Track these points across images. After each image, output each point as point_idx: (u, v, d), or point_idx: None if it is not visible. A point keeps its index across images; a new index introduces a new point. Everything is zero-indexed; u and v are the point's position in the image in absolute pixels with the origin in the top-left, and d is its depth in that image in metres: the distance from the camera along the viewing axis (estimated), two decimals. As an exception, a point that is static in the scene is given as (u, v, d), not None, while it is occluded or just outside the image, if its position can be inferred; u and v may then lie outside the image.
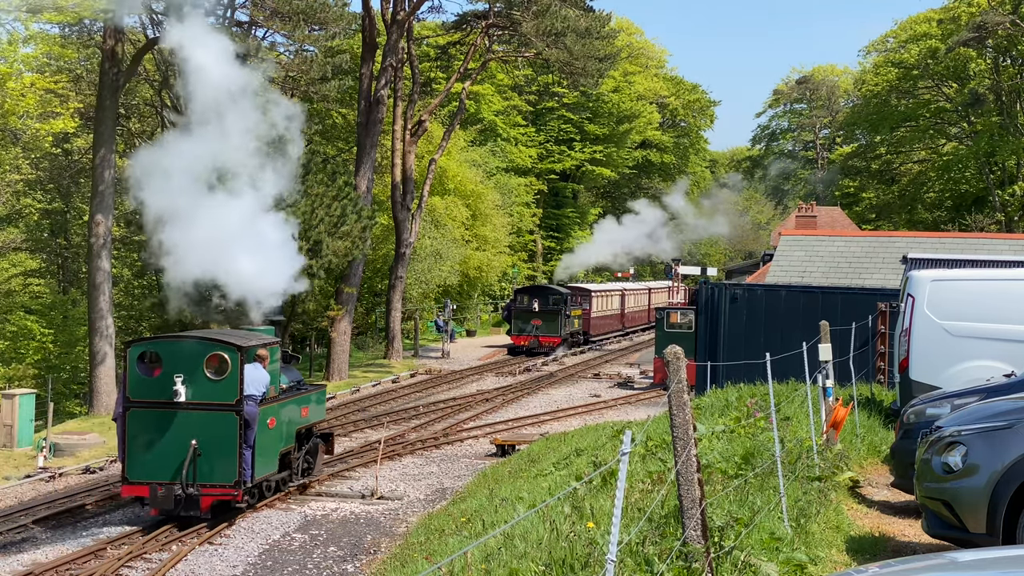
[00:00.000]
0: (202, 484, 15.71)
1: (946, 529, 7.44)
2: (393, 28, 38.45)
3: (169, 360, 15.99)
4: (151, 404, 15.90)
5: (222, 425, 15.85)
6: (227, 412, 15.86)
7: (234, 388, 15.85)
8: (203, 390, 15.88)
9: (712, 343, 21.55)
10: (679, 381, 5.78)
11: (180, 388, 15.70)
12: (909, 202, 67.11)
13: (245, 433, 15.89)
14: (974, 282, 13.58)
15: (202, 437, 15.75)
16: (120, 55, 31.37)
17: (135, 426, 15.94)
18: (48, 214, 46.86)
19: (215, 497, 15.90)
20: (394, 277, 41.34)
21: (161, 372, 15.96)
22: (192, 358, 15.99)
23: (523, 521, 8.21)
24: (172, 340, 16.89)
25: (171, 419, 15.83)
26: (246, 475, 15.95)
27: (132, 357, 16.22)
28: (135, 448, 15.94)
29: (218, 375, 15.94)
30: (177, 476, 15.62)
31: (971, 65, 58.99)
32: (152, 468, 15.78)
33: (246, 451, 15.98)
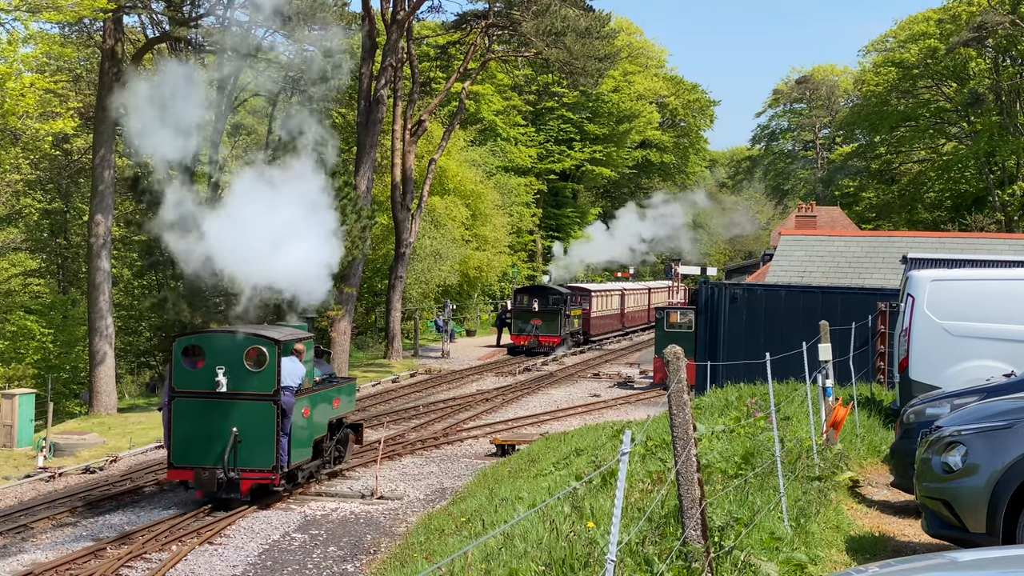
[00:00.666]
0: (242, 469, 16.74)
1: (946, 529, 7.44)
2: (393, 28, 38.44)
3: (211, 353, 17.06)
4: (195, 394, 16.96)
5: (261, 414, 16.85)
6: (265, 402, 16.87)
7: (272, 379, 16.83)
8: (243, 381, 16.87)
9: (712, 343, 21.56)
10: (679, 381, 5.78)
11: (222, 379, 16.74)
12: (909, 202, 67.09)
13: (282, 421, 16.88)
14: (974, 282, 13.58)
15: (242, 425, 16.75)
16: (120, 55, 31.36)
17: (180, 415, 17.00)
18: (48, 214, 46.85)
19: (254, 481, 16.91)
20: (394, 277, 41.34)
21: (204, 364, 17.00)
22: (233, 351, 17.00)
23: (523, 521, 8.21)
24: (214, 334, 18.23)
25: (213, 408, 16.85)
26: (283, 461, 16.94)
27: (177, 350, 17.34)
28: (180, 435, 16.97)
29: (257, 367, 16.90)
30: (219, 461, 16.65)
31: (971, 65, 58.99)
32: (196, 454, 16.81)
33: (283, 438, 16.92)
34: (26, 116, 26.84)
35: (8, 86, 24.70)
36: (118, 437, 24.71)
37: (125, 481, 19.37)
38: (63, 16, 25.49)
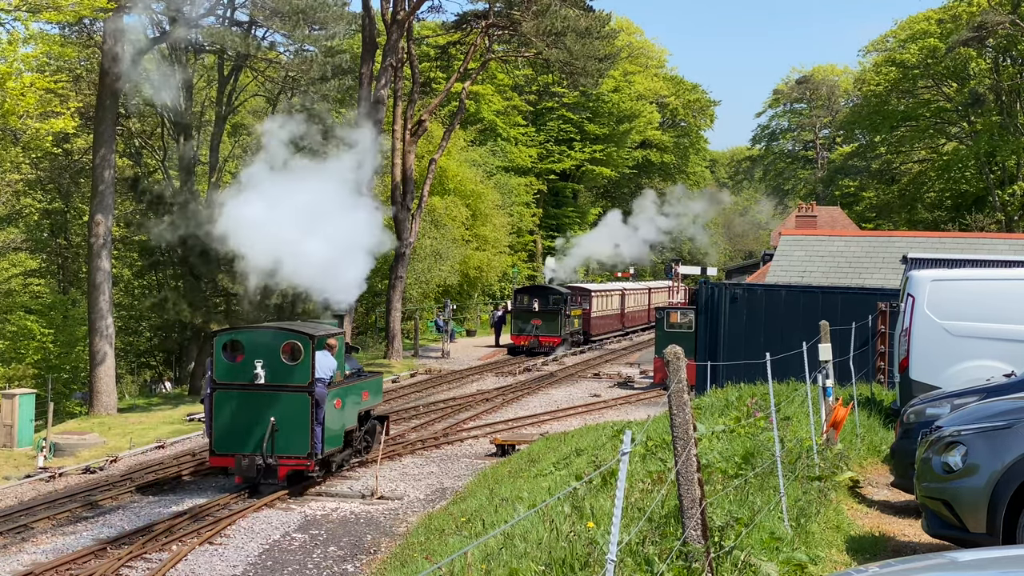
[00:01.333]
0: (280, 455, 17.70)
1: (946, 529, 7.43)
2: (393, 28, 38.45)
3: (250, 348, 18.08)
4: (235, 386, 17.95)
5: (296, 404, 17.83)
6: (301, 393, 17.84)
7: (307, 372, 17.82)
8: (280, 374, 17.85)
9: (712, 343, 21.55)
10: (679, 381, 5.78)
11: (260, 372, 17.71)
12: (909, 202, 67.10)
13: (316, 412, 17.83)
14: (974, 282, 13.57)
15: (279, 415, 17.72)
16: (120, 55, 31.35)
17: (221, 405, 17.95)
18: (48, 214, 46.84)
19: (290, 467, 17.88)
20: (394, 277, 41.34)
21: (243, 358, 18.04)
22: (270, 346, 18.03)
23: (523, 521, 8.21)
24: (253, 330, 19.29)
25: (252, 399, 17.84)
26: (317, 448, 17.91)
27: (218, 345, 18.28)
28: (220, 424, 17.92)
29: (292, 360, 17.90)
30: (258, 448, 17.62)
31: (971, 65, 58.98)
32: (236, 442, 17.78)
33: (317, 427, 17.87)
34: (26, 116, 26.84)
35: (8, 86, 24.70)
36: (118, 437, 24.71)
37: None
38: (63, 16, 25.49)
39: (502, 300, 58.48)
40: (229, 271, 31.01)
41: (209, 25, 33.72)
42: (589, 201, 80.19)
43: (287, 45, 38.65)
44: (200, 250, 30.91)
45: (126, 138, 42.84)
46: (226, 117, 41.48)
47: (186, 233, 29.34)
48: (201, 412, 27.91)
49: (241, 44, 31.56)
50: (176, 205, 31.17)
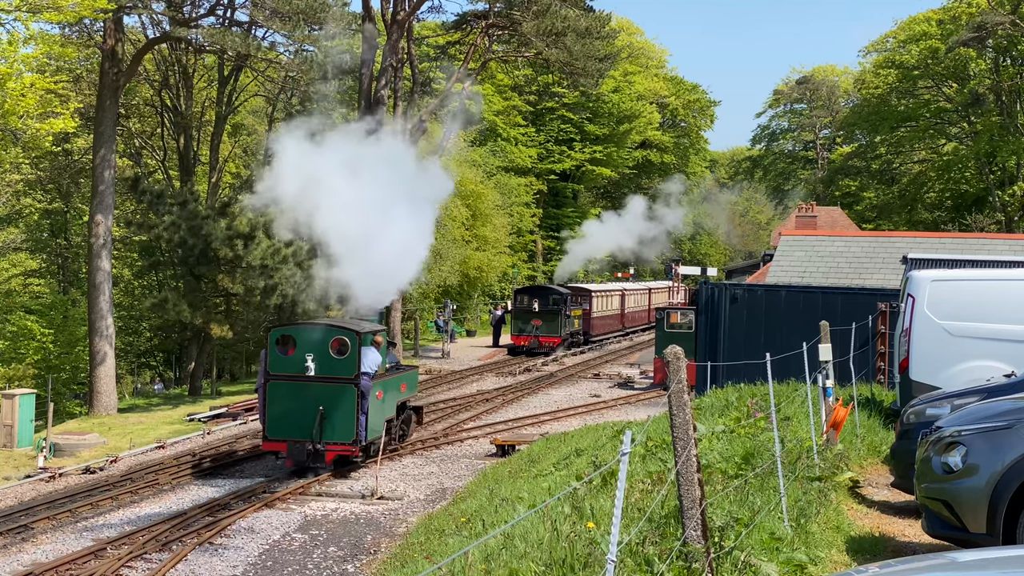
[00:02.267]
0: (327, 441, 19.16)
1: (946, 529, 7.43)
2: (393, 28, 38.44)
3: (301, 342, 19.49)
4: (287, 377, 19.40)
5: (343, 395, 19.28)
6: (347, 384, 19.29)
7: (353, 365, 19.31)
8: (328, 366, 19.32)
9: (712, 343, 21.54)
10: (679, 381, 5.78)
11: (310, 364, 19.19)
12: (909, 202, 67.10)
13: (361, 402, 19.27)
14: (974, 282, 13.56)
15: (327, 404, 19.17)
16: (120, 55, 31.37)
17: (274, 395, 19.42)
18: (48, 214, 46.85)
19: (337, 452, 19.31)
20: (394, 277, 41.30)
21: (295, 352, 19.43)
22: (320, 341, 19.45)
23: (523, 521, 8.20)
24: (304, 326, 20.47)
25: (303, 389, 19.29)
26: (361, 435, 19.34)
27: (272, 339, 19.83)
28: (273, 412, 19.36)
29: (340, 354, 19.35)
30: (307, 435, 19.06)
31: (971, 65, 58.98)
32: (287, 428, 19.22)
33: (361, 416, 19.31)
34: (26, 116, 26.84)
35: (8, 86, 24.70)
36: (118, 437, 24.72)
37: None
38: (63, 16, 25.50)
39: (502, 300, 58.47)
40: (229, 271, 31.02)
41: (209, 25, 33.69)
42: (589, 201, 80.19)
43: (287, 45, 38.64)
44: (200, 250, 30.89)
45: (126, 138, 42.85)
46: (226, 117, 41.47)
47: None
48: (200, 412, 28.03)
49: (241, 44, 31.51)
50: (177, 205, 31.13)
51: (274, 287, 30.75)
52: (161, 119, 42.63)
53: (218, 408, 28.57)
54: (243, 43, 31.61)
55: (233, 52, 33.14)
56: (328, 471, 19.52)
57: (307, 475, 19.35)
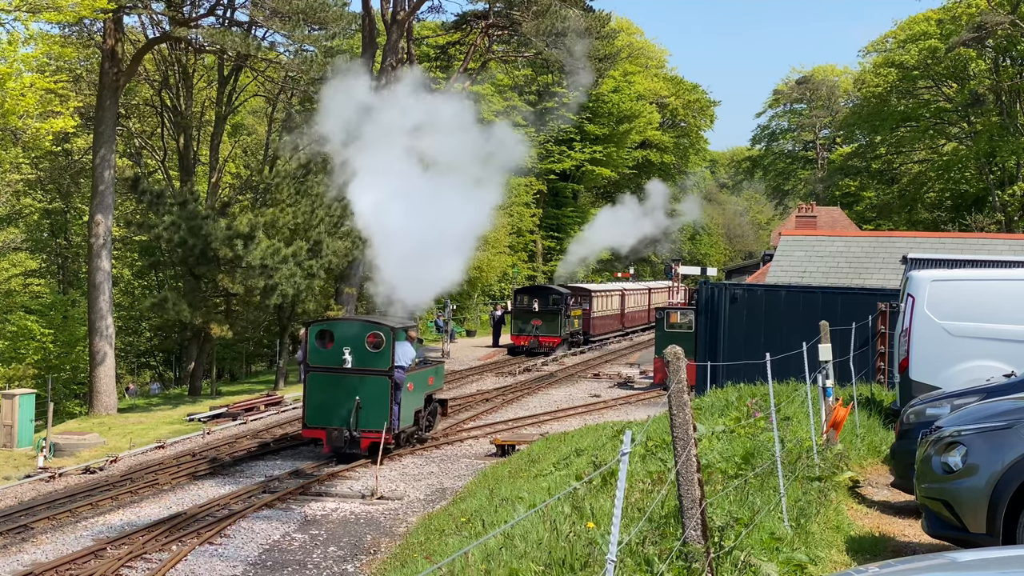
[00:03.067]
0: (363, 429, 20.39)
1: (946, 529, 7.43)
2: (393, 28, 38.45)
3: (339, 336, 20.75)
4: (326, 369, 20.62)
5: (378, 386, 20.51)
6: (382, 376, 20.54)
7: (387, 358, 20.53)
8: (364, 359, 20.57)
9: (712, 343, 21.54)
10: (679, 381, 5.78)
11: (347, 357, 20.40)
12: (909, 202, 67.08)
13: (394, 393, 20.53)
14: (974, 282, 13.55)
15: (363, 394, 20.45)
16: (120, 55, 31.36)
17: (313, 385, 20.68)
18: (48, 214, 46.87)
19: (372, 439, 20.40)
20: (394, 277, 41.31)
21: (333, 346, 20.68)
22: (356, 335, 20.72)
23: (523, 521, 8.20)
24: (341, 322, 22.43)
25: (340, 381, 20.55)
26: (394, 424, 20.64)
27: (311, 334, 20.96)
28: (312, 402, 20.66)
29: (375, 349, 20.61)
30: (345, 423, 20.37)
31: (971, 65, 58.96)
32: (325, 416, 20.52)
33: (394, 406, 20.59)
34: (26, 116, 26.86)
35: (8, 86, 24.71)
36: (118, 437, 24.72)
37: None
38: (63, 16, 25.50)
39: (502, 300, 58.44)
40: (229, 271, 31.02)
41: (209, 25, 33.69)
42: (589, 201, 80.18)
43: (287, 45, 38.65)
44: (200, 250, 30.90)
45: (126, 138, 42.86)
46: (226, 117, 41.47)
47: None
48: (200, 412, 28.05)
49: (241, 44, 31.51)
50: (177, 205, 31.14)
51: (274, 287, 30.75)
52: (161, 119, 42.63)
53: (218, 408, 28.58)
54: (243, 43, 31.61)
55: (233, 52, 33.14)
56: (364, 457, 20.69)
57: (345, 460, 20.57)
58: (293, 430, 24.32)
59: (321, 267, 32.40)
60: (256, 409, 28.31)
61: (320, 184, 33.02)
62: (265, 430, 25.44)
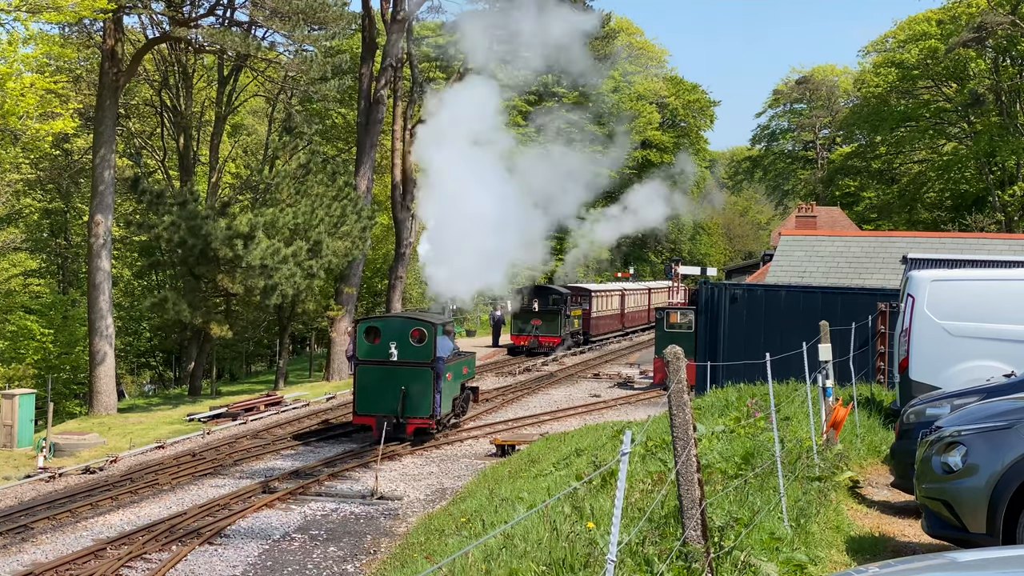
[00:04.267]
0: (408, 416, 22.54)
1: (946, 529, 7.43)
2: (393, 28, 38.44)
3: (386, 332, 22.84)
4: (374, 362, 22.78)
5: (422, 376, 22.62)
6: (425, 368, 22.64)
7: (430, 351, 22.61)
8: (409, 352, 22.65)
9: (712, 343, 21.54)
10: (679, 381, 5.78)
11: (393, 351, 22.51)
12: (909, 202, 67.04)
13: (436, 382, 22.61)
14: (974, 282, 13.55)
15: (408, 384, 22.50)
16: (120, 55, 31.35)
17: (362, 377, 22.81)
18: (48, 214, 46.86)
19: (416, 425, 22.69)
20: (394, 277, 41.35)
21: (380, 340, 22.74)
22: (401, 330, 22.83)
23: (523, 521, 8.20)
24: (387, 318, 24.38)
25: (387, 372, 22.57)
26: (436, 411, 22.77)
27: (360, 330, 23.18)
28: (362, 391, 22.79)
29: (419, 342, 22.66)
30: (392, 410, 22.37)
31: (971, 65, 58.94)
32: (374, 405, 22.59)
33: (436, 394, 22.66)
34: (26, 116, 26.85)
35: (8, 86, 24.71)
36: (118, 437, 24.71)
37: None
38: (63, 16, 25.50)
39: (501, 300, 58.40)
40: (229, 271, 31.03)
41: (209, 25, 33.69)
42: (589, 201, 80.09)
43: (287, 45, 38.64)
44: (200, 250, 30.90)
45: (126, 138, 42.85)
46: (226, 117, 41.46)
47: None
48: (200, 412, 28.08)
49: (241, 44, 31.50)
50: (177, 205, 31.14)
51: (274, 287, 30.74)
52: (161, 119, 42.62)
53: (218, 408, 28.57)
54: (243, 43, 31.60)
55: (233, 52, 33.13)
56: (409, 441, 22.74)
57: (392, 443, 22.17)
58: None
59: (321, 267, 32.40)
60: (256, 409, 28.31)
61: (320, 184, 33.02)
62: (265, 430, 25.44)
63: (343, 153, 49.59)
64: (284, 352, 35.47)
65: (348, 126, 51.27)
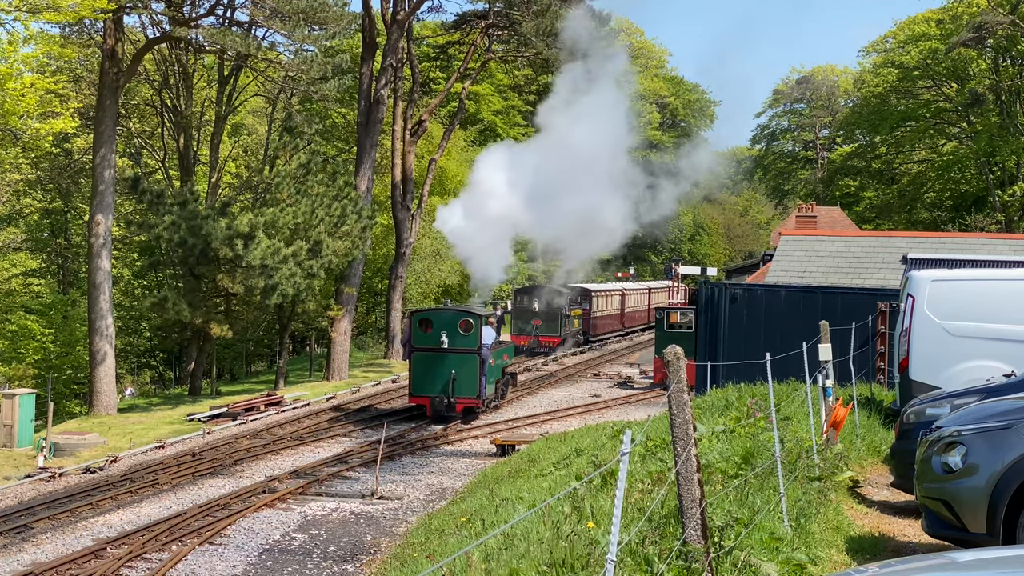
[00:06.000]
0: (458, 396, 25.84)
1: (946, 529, 7.42)
2: (393, 28, 38.44)
3: (437, 322, 26.03)
4: (426, 349, 25.95)
5: (469, 362, 25.86)
6: (472, 354, 25.93)
7: (476, 339, 25.96)
8: (458, 341, 25.83)
9: (712, 343, 21.53)
10: (679, 381, 5.78)
11: (444, 339, 25.71)
12: (909, 202, 67.02)
13: (481, 367, 25.91)
14: (974, 282, 13.54)
15: (457, 369, 25.74)
16: (120, 55, 31.34)
17: (416, 363, 26.14)
18: (48, 214, 46.85)
19: (464, 405, 25.99)
20: (394, 277, 41.34)
21: (432, 330, 25.97)
22: (451, 321, 25.92)
23: (523, 521, 8.20)
24: (439, 310, 27.54)
25: (438, 358, 25.78)
26: (482, 392, 26.14)
27: (415, 321, 26.55)
28: (416, 375, 26.16)
29: (466, 332, 25.86)
30: (443, 391, 25.70)
31: (971, 65, 58.93)
32: (427, 386, 25.88)
33: (482, 377, 25.87)
34: (26, 116, 26.85)
35: (8, 86, 24.71)
36: (118, 437, 24.71)
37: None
38: (63, 16, 25.49)
39: (501, 300, 58.40)
40: (229, 271, 31.02)
41: (209, 25, 33.68)
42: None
43: (287, 45, 38.65)
44: (200, 250, 30.89)
45: (126, 138, 42.85)
46: (226, 117, 41.45)
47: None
48: (200, 412, 28.10)
49: (241, 44, 31.48)
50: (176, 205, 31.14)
51: (274, 287, 30.73)
52: (161, 119, 42.62)
53: (218, 408, 28.57)
54: (243, 43, 31.59)
55: (233, 52, 33.12)
56: (459, 418, 25.85)
57: (442, 422, 25.47)
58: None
59: (321, 267, 32.39)
60: (256, 409, 28.31)
61: (320, 184, 33.01)
62: (265, 430, 25.45)
63: (343, 153, 49.59)
64: (284, 352, 35.47)
65: (348, 126, 51.28)
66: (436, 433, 25.02)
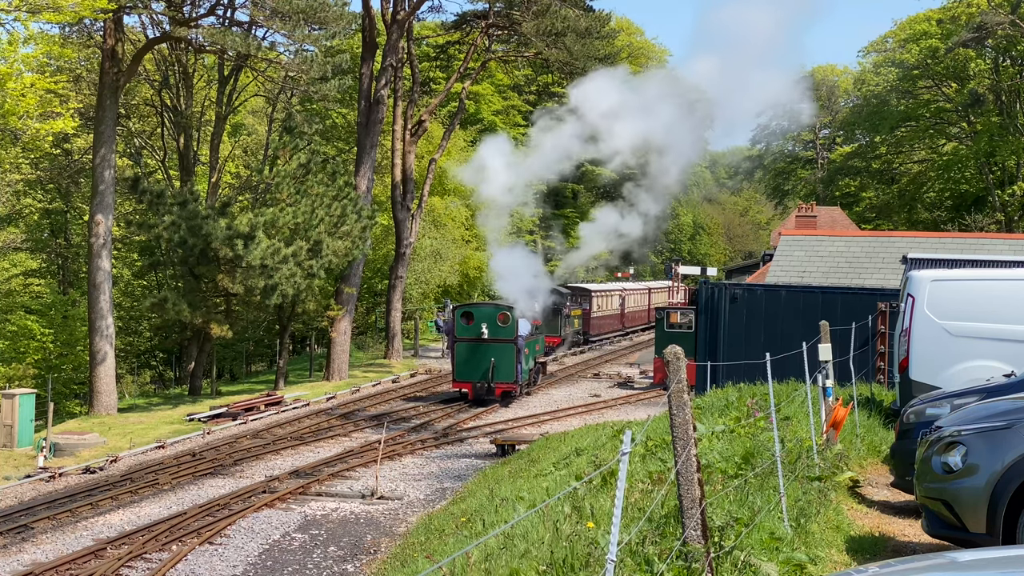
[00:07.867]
0: (496, 382, 29.00)
1: (946, 529, 7.42)
2: (393, 28, 38.44)
3: (477, 315, 29.13)
4: (468, 339, 28.99)
5: (507, 351, 28.90)
6: (509, 344, 28.96)
7: (513, 331, 28.86)
8: (496, 332, 28.84)
9: (712, 343, 21.54)
10: (679, 381, 5.78)
11: (484, 330, 28.79)
12: (909, 202, 67.03)
13: (518, 355, 28.98)
14: (974, 282, 13.54)
15: (496, 357, 28.78)
16: (120, 55, 31.34)
17: (459, 352, 29.10)
18: (48, 214, 46.83)
19: (503, 389, 29.21)
20: (394, 277, 41.33)
21: (473, 322, 29.02)
22: (490, 314, 29.00)
23: (523, 521, 8.20)
24: (480, 305, 30.75)
25: (479, 347, 28.85)
26: (519, 378, 29.34)
27: (457, 314, 29.49)
28: (459, 363, 29.15)
29: (504, 324, 28.82)
30: (483, 378, 28.89)
31: (971, 65, 58.94)
32: (469, 373, 29.02)
33: (518, 365, 29.00)
34: (26, 116, 26.85)
35: (8, 86, 24.70)
36: (118, 437, 24.71)
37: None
38: (63, 16, 25.49)
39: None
40: (229, 271, 31.02)
41: (209, 25, 33.67)
42: (589, 201, 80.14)
43: (287, 45, 38.62)
44: (200, 250, 30.88)
45: (126, 138, 42.84)
46: (226, 117, 41.45)
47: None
48: (200, 412, 28.10)
49: (241, 44, 31.46)
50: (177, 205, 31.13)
51: (274, 287, 30.73)
52: (161, 119, 42.62)
53: (218, 408, 28.57)
54: (243, 43, 31.57)
55: (233, 52, 33.10)
56: (497, 401, 29.03)
57: (482, 404, 28.62)
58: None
59: (321, 267, 32.39)
60: (256, 409, 28.31)
61: (320, 184, 33.01)
62: (265, 430, 25.45)
63: (343, 153, 49.60)
64: (284, 352, 35.45)
65: (348, 126, 51.28)
66: (437, 433, 25.02)
